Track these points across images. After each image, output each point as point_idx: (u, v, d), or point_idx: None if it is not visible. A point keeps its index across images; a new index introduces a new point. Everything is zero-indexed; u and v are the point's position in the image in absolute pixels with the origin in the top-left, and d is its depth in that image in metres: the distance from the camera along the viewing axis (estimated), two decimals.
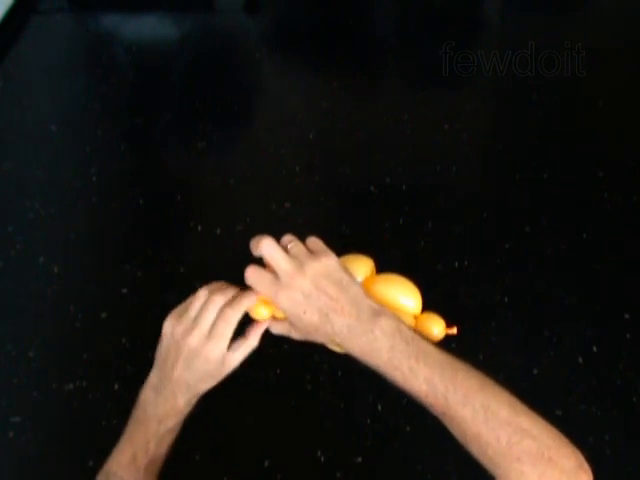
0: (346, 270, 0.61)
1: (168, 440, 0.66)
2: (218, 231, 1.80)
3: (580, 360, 1.51)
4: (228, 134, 2.17)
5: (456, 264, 1.70)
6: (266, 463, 1.35)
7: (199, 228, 1.83)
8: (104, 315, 1.62)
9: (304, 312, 0.58)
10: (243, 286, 0.62)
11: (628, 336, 1.55)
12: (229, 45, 2.58)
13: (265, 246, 0.59)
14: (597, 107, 2.17)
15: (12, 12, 2.57)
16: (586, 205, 1.86)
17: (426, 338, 0.58)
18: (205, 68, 2.44)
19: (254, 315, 0.64)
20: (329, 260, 0.60)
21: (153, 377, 0.66)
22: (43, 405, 1.47)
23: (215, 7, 2.87)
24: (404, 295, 0.64)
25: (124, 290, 1.68)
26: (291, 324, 0.62)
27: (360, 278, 0.64)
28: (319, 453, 1.36)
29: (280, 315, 0.64)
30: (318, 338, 0.60)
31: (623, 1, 2.68)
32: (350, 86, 2.31)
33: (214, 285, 0.66)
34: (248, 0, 2.74)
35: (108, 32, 2.68)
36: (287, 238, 0.62)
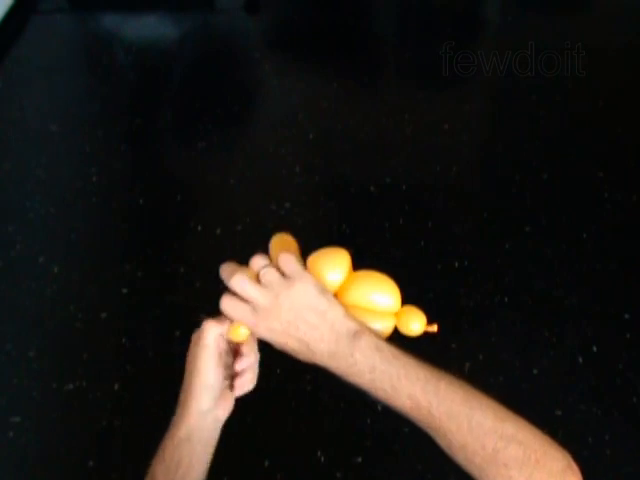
0: (324, 292, 0.59)
1: (178, 453, 0.66)
2: (218, 231, 1.80)
3: (580, 360, 1.51)
4: (228, 134, 2.17)
5: (456, 264, 1.70)
6: (266, 463, 1.35)
7: (199, 228, 1.83)
8: (104, 315, 1.62)
9: (285, 342, 0.59)
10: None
11: (628, 336, 1.55)
12: (229, 45, 2.58)
13: (235, 282, 0.58)
14: (597, 107, 2.17)
15: (12, 12, 2.57)
16: (586, 205, 1.86)
17: (407, 353, 0.58)
18: (205, 68, 2.44)
19: (233, 337, 0.63)
20: (305, 285, 0.59)
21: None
22: (43, 405, 1.47)
23: (215, 7, 2.87)
24: (382, 294, 0.64)
25: (124, 290, 1.68)
26: None
27: (339, 276, 0.62)
28: (319, 453, 1.36)
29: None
30: (303, 359, 0.61)
31: (623, 1, 2.68)
32: (350, 86, 2.31)
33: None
34: (248, 0, 2.74)
35: (108, 32, 2.68)
36: (258, 263, 0.60)
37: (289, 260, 0.60)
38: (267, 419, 1.39)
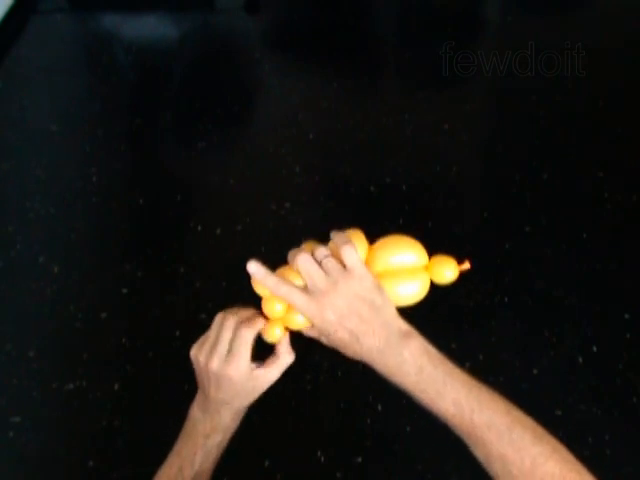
0: (380, 289, 0.60)
1: (214, 455, 0.67)
2: (218, 231, 1.80)
3: (580, 360, 1.51)
4: (228, 134, 2.17)
5: None
6: (266, 463, 1.35)
7: (199, 228, 1.83)
8: (104, 315, 1.62)
9: (335, 331, 0.59)
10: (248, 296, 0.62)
11: (628, 336, 1.55)
12: (229, 45, 2.58)
13: (301, 260, 0.58)
14: (597, 107, 2.17)
15: (12, 12, 2.57)
16: (586, 205, 1.86)
17: (453, 362, 0.59)
18: (205, 68, 2.44)
19: (268, 338, 0.63)
20: (364, 279, 0.59)
21: (199, 396, 0.67)
22: (43, 405, 1.47)
23: (215, 7, 2.87)
24: (407, 253, 0.63)
25: (124, 290, 1.68)
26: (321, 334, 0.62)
27: (361, 254, 0.62)
28: (319, 453, 1.36)
29: (298, 326, 0.63)
30: (347, 353, 0.61)
31: (623, 1, 2.68)
32: (350, 86, 2.31)
33: (228, 310, 0.66)
34: (248, 0, 2.74)
35: (108, 32, 2.68)
36: (322, 252, 0.60)
37: (351, 252, 0.59)
38: (267, 419, 1.39)
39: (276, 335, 0.63)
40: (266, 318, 0.63)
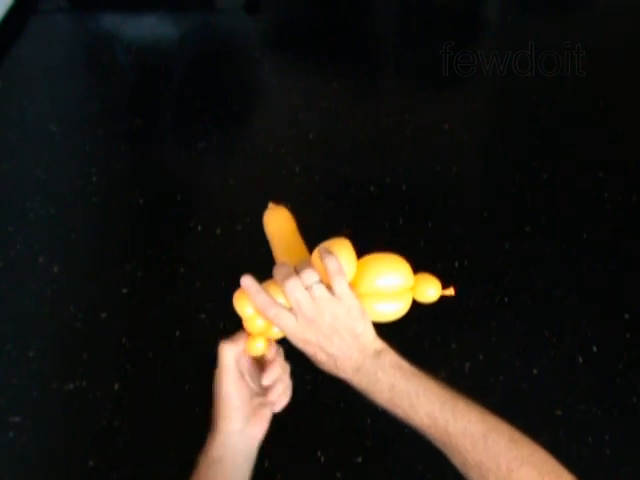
0: (364, 316, 0.61)
1: (214, 471, 0.66)
2: (218, 231, 1.80)
3: (580, 360, 1.51)
4: (228, 134, 2.17)
5: (456, 264, 1.70)
6: (266, 463, 1.35)
7: (199, 228, 1.83)
8: (104, 315, 1.62)
9: (315, 353, 0.61)
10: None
11: (628, 336, 1.55)
12: (229, 45, 2.58)
13: (289, 287, 0.59)
14: (597, 107, 2.17)
15: (12, 12, 2.57)
16: (586, 205, 1.86)
17: (428, 374, 0.60)
18: (205, 68, 2.44)
19: (251, 352, 0.64)
20: (352, 309, 0.60)
21: None
22: (43, 405, 1.47)
23: (215, 7, 2.87)
24: (393, 276, 0.64)
25: (124, 290, 1.68)
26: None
27: (349, 268, 0.62)
28: (319, 453, 1.36)
29: (278, 336, 0.64)
30: (321, 368, 0.63)
31: (623, 1, 2.68)
32: (350, 86, 2.31)
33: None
34: (248, 0, 2.73)
35: (108, 32, 2.68)
36: (310, 277, 0.60)
37: (341, 282, 0.60)
38: None
39: (259, 348, 0.63)
40: (248, 334, 0.64)
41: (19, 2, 2.59)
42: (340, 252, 0.62)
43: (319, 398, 1.43)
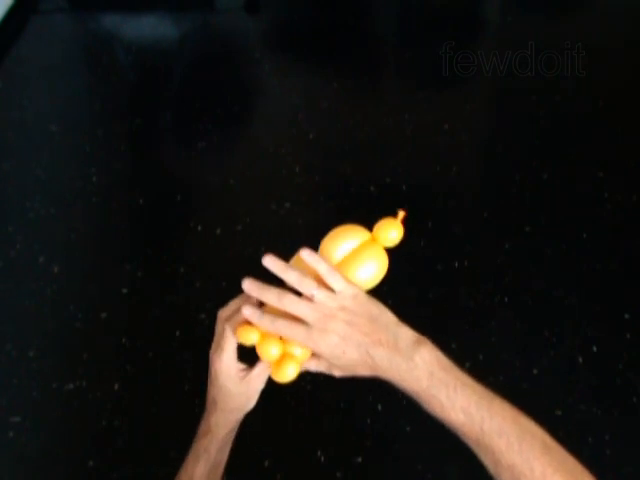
0: (373, 300, 0.61)
1: (203, 460, 0.67)
2: (218, 231, 1.80)
3: (580, 360, 1.51)
4: (228, 134, 2.17)
5: (456, 264, 1.70)
6: (266, 463, 1.35)
7: (199, 228, 1.83)
8: (104, 315, 1.62)
9: (343, 352, 0.59)
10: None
11: (628, 336, 1.55)
12: (229, 45, 2.58)
13: (288, 304, 0.59)
14: (597, 107, 2.17)
15: (12, 12, 2.57)
16: (586, 205, 1.86)
17: (463, 369, 0.59)
18: (205, 68, 2.44)
19: (244, 342, 0.62)
20: (356, 296, 0.60)
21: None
22: (43, 405, 1.47)
23: (215, 7, 2.87)
24: (351, 237, 0.66)
25: (124, 290, 1.68)
26: (331, 364, 0.62)
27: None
28: (319, 453, 1.36)
29: (304, 355, 0.63)
30: (360, 372, 0.61)
31: (623, 1, 2.68)
32: (350, 86, 2.31)
33: (228, 303, 0.67)
34: (248, 0, 2.74)
35: (108, 32, 2.68)
36: (309, 286, 0.59)
37: (337, 279, 0.60)
38: (267, 419, 1.39)
39: (272, 354, 0.62)
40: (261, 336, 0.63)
41: (19, 2, 2.59)
42: (322, 250, 0.64)
43: (319, 398, 1.43)
